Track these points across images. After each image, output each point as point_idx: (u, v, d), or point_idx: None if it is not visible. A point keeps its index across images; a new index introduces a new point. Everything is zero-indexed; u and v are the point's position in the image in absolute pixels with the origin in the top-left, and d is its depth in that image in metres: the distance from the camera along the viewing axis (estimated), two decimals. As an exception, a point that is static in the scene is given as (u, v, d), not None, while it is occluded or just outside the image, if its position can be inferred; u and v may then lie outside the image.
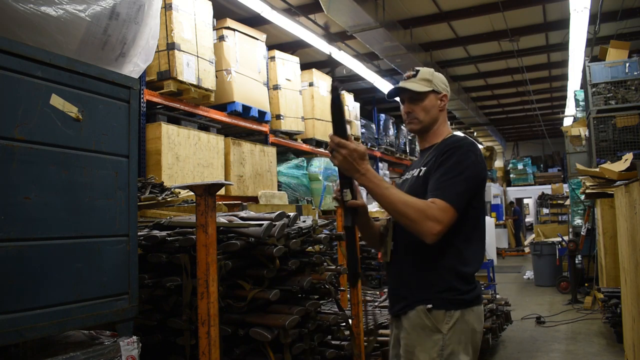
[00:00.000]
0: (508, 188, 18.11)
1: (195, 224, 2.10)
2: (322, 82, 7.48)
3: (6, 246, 1.51)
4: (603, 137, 6.38)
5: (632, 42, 7.27)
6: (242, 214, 2.80)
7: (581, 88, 8.21)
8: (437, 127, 1.84)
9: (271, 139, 6.19)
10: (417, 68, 1.87)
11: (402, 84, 1.83)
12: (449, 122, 1.94)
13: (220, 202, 3.70)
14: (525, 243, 14.60)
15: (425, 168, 1.72)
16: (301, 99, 6.88)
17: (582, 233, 7.33)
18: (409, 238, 1.64)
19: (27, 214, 1.57)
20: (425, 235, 1.56)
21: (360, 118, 8.95)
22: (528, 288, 8.75)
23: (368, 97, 10.55)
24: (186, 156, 4.55)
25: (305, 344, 2.48)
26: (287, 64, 6.65)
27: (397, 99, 1.88)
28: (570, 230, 8.52)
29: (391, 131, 10.58)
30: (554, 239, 9.20)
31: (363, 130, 9.05)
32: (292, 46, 7.86)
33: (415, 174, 1.77)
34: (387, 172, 10.38)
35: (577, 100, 8.33)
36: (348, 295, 3.25)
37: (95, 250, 1.77)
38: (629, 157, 5.03)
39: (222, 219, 2.52)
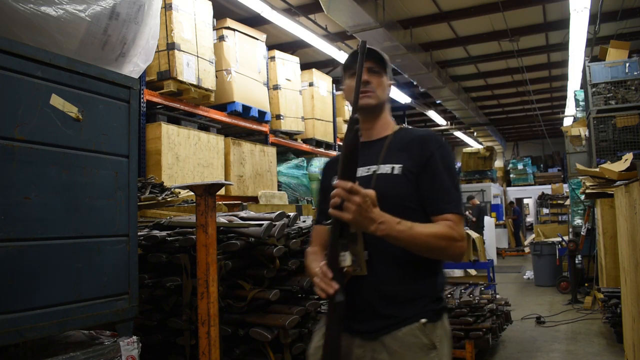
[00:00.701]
0: (508, 188, 18.11)
1: (195, 224, 2.10)
2: (322, 82, 7.48)
3: (6, 246, 1.51)
4: (603, 137, 6.38)
5: (632, 42, 7.27)
6: (242, 214, 2.80)
7: (581, 88, 8.21)
8: (385, 115, 1.64)
9: (271, 139, 6.19)
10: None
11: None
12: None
13: (220, 202, 3.70)
14: (525, 243, 14.60)
15: (400, 165, 1.50)
16: (301, 99, 6.88)
17: (582, 233, 7.32)
18: (387, 246, 1.41)
19: (27, 214, 1.57)
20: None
21: (360, 118, 8.95)
22: (528, 288, 8.75)
23: (368, 97, 10.54)
24: (186, 156, 4.55)
25: (305, 344, 2.48)
26: (287, 64, 6.65)
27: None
28: (570, 230, 8.52)
29: (391, 131, 10.58)
30: (554, 239, 9.19)
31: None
32: (292, 46, 7.87)
33: (387, 172, 1.51)
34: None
35: (577, 100, 8.33)
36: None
37: (95, 250, 1.78)
38: (629, 157, 5.03)
39: (222, 219, 2.52)
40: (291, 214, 2.64)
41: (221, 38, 5.43)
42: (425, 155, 1.51)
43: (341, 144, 8.50)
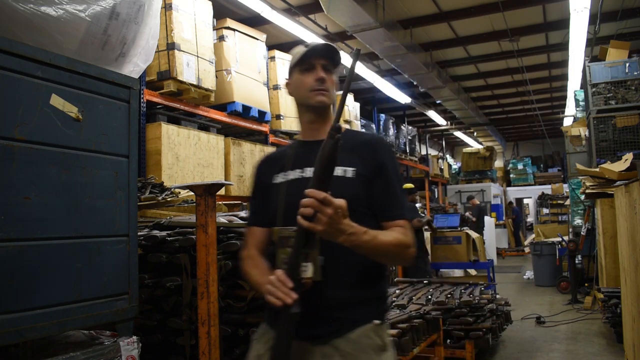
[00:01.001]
0: (508, 188, 18.11)
1: (195, 224, 2.10)
2: (322, 82, 7.47)
3: (6, 246, 1.51)
4: (603, 137, 6.38)
5: (632, 42, 7.28)
6: (242, 214, 2.80)
7: (581, 88, 8.21)
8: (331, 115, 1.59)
9: (271, 139, 6.19)
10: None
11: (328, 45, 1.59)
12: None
13: (220, 202, 3.71)
14: (525, 243, 14.60)
15: (353, 169, 1.48)
16: (301, 99, 6.88)
17: (582, 233, 7.33)
18: (341, 251, 1.36)
19: (27, 214, 1.57)
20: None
21: (361, 118, 8.96)
22: (528, 288, 8.75)
23: (368, 97, 10.55)
24: (186, 156, 4.55)
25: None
26: (287, 64, 6.64)
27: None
28: (570, 230, 8.52)
29: (391, 131, 10.59)
30: (554, 239, 9.20)
31: (363, 130, 9.06)
32: (292, 46, 7.81)
33: (339, 174, 1.46)
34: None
35: (577, 100, 8.33)
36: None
37: (95, 250, 1.78)
38: (629, 157, 5.03)
39: (222, 219, 2.52)
40: (291, 214, 2.63)
41: (221, 38, 5.43)
42: (377, 161, 1.50)
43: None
